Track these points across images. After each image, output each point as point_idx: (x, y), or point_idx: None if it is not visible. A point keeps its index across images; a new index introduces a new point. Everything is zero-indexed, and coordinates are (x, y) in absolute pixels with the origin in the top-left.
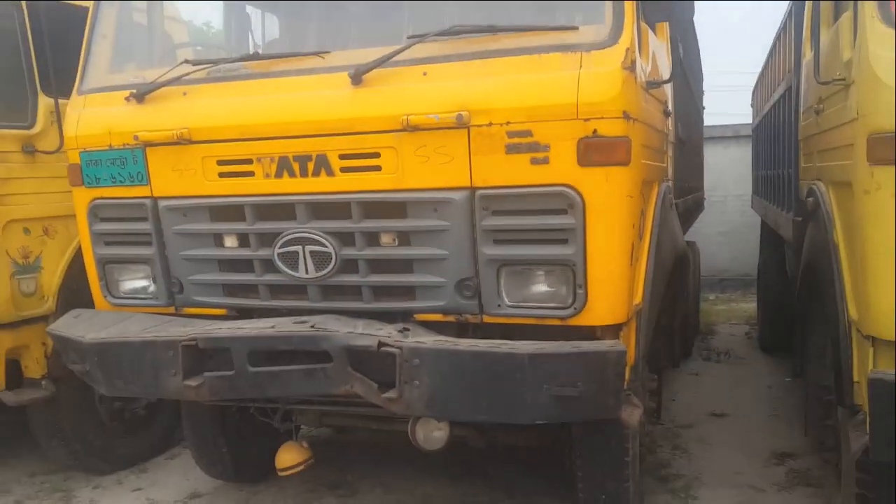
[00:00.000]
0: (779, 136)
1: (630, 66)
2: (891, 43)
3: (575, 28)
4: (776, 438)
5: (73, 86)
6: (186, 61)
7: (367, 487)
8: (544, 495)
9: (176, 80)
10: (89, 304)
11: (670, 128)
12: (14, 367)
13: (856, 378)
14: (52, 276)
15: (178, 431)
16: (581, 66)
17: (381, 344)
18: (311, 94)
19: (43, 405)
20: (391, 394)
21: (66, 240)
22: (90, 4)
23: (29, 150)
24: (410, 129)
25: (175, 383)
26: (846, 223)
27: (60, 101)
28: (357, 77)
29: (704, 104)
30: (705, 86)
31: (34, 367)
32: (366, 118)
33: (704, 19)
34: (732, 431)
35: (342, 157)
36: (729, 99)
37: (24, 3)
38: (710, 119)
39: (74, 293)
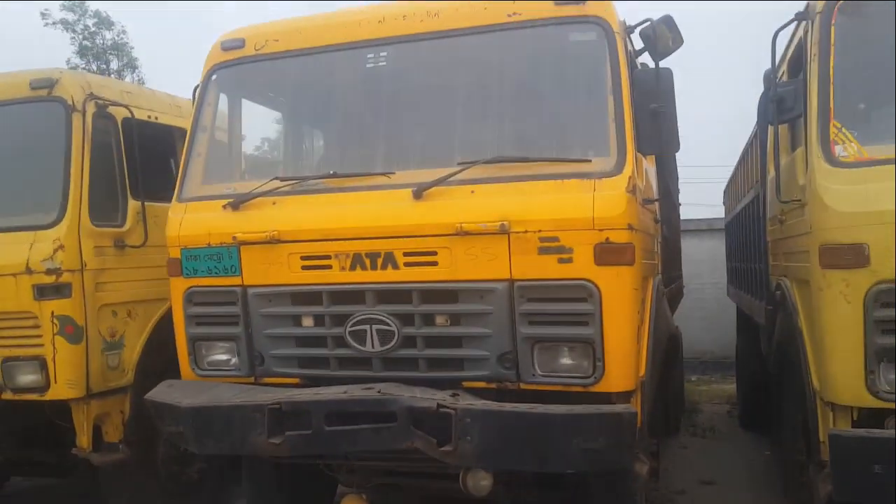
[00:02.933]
0: (749, 234)
1: (632, 190)
2: (832, 177)
3: (589, 160)
4: (759, 502)
5: (154, 191)
6: (276, 178)
7: None
8: None
9: (267, 193)
10: (161, 376)
11: (658, 230)
12: (96, 432)
13: (821, 438)
14: (132, 353)
15: (223, 495)
16: (595, 190)
17: (439, 406)
18: (381, 206)
19: (116, 468)
20: (447, 447)
21: (144, 321)
22: (183, 125)
23: (120, 244)
24: (462, 233)
25: (260, 441)
26: (807, 312)
27: (147, 203)
28: (418, 193)
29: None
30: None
31: (113, 432)
32: (426, 225)
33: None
34: (721, 497)
35: (406, 254)
36: (702, 190)
37: (119, 122)
38: (685, 208)
39: (148, 367)
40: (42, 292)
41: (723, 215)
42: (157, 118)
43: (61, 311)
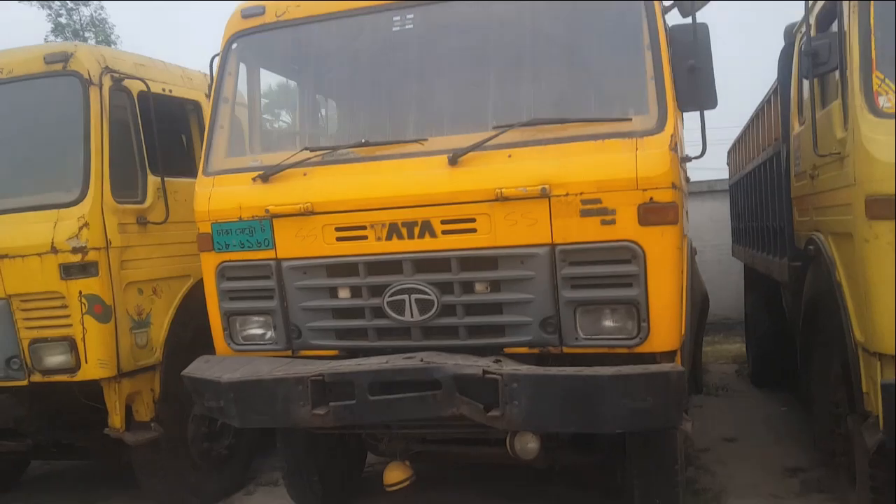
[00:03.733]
0: (766, 193)
1: (674, 148)
2: (878, 128)
3: (629, 119)
4: (783, 457)
5: (171, 166)
6: (306, 148)
7: None
8: None
9: (298, 164)
10: (188, 353)
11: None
12: (126, 411)
13: (864, 389)
14: (159, 330)
15: (252, 469)
16: (637, 149)
17: (485, 371)
18: (416, 173)
19: (147, 446)
20: (495, 412)
21: (169, 298)
22: (196, 98)
23: (142, 221)
24: (502, 199)
25: (304, 413)
26: (848, 265)
27: (166, 178)
28: (454, 159)
29: None
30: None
31: (144, 411)
32: (464, 191)
33: None
34: (744, 453)
35: (443, 222)
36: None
37: (136, 95)
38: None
39: (176, 344)
40: (68, 272)
41: (723, 177)
42: (170, 91)
43: (89, 291)
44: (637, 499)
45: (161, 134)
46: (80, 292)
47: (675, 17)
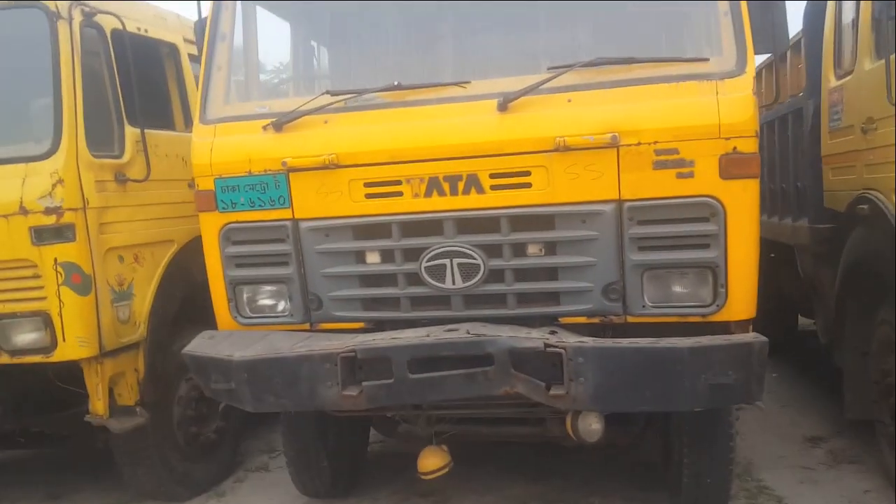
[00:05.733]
0: (781, 152)
1: (756, 92)
2: None
3: (706, 60)
4: (800, 426)
5: (151, 117)
6: (327, 92)
7: (460, 494)
8: (617, 489)
9: (318, 110)
10: (175, 328)
11: None
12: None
13: None
14: (142, 303)
15: (241, 453)
16: (718, 93)
17: (547, 345)
18: (460, 120)
19: (132, 433)
20: (558, 390)
21: (153, 266)
22: (171, 40)
23: (121, 178)
24: (563, 149)
25: (332, 394)
26: None
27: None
28: (504, 104)
29: None
30: None
31: (127, 393)
32: (517, 140)
33: None
34: (759, 422)
35: (493, 175)
36: None
37: (109, 34)
38: None
39: (161, 319)
40: (41, 236)
41: None
42: (146, 31)
43: (65, 258)
44: (686, 477)
45: (138, 80)
46: (56, 260)
47: None
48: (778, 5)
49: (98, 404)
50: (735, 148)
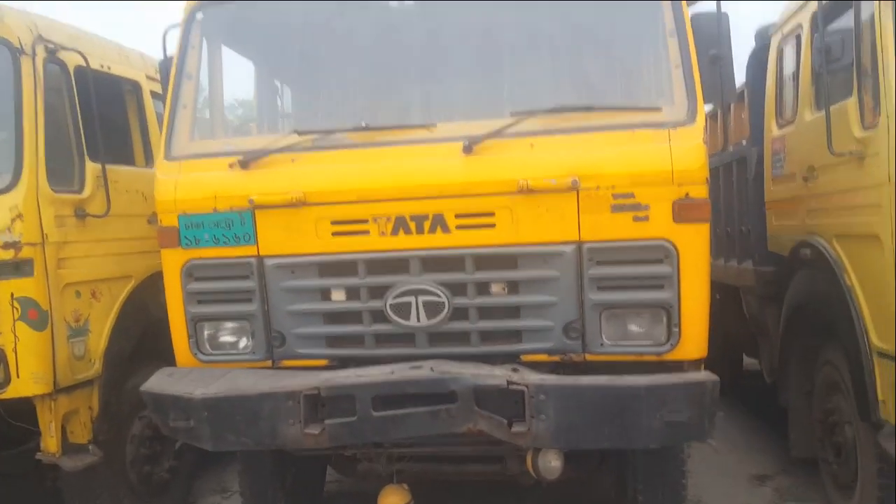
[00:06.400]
0: (727, 197)
1: (706, 141)
2: None
3: (659, 109)
4: (747, 464)
5: (111, 152)
6: (295, 131)
7: None
8: None
9: (286, 149)
10: (130, 365)
11: None
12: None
13: (880, 397)
14: (98, 339)
15: (194, 493)
16: (671, 141)
17: (509, 382)
18: (426, 162)
19: (84, 472)
20: (520, 427)
21: (110, 302)
22: (133, 77)
23: (81, 214)
24: (526, 191)
25: (294, 432)
26: (863, 269)
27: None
28: (469, 147)
29: None
30: None
31: (80, 431)
32: (482, 182)
33: None
34: (708, 461)
35: (458, 215)
36: None
37: (72, 70)
38: None
39: (116, 355)
40: None
41: None
42: (109, 68)
43: (22, 293)
44: None
45: (100, 116)
46: (12, 295)
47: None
48: (725, 59)
49: (50, 442)
50: (687, 194)
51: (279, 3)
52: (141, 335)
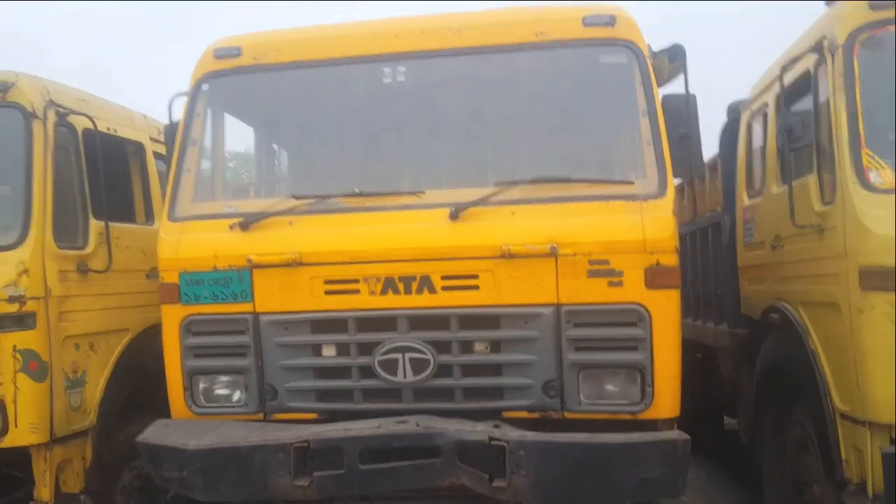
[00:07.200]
0: (700, 261)
1: (675, 212)
2: (870, 202)
3: (632, 182)
4: None
5: (115, 210)
6: (293, 196)
7: None
8: None
9: (283, 212)
10: (124, 417)
11: None
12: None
13: (844, 456)
14: (94, 391)
15: None
16: (642, 212)
17: (491, 438)
18: (415, 226)
19: None
20: (500, 482)
21: (106, 354)
22: (137, 139)
23: (83, 269)
24: (508, 256)
25: (283, 484)
26: (824, 334)
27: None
28: (456, 214)
29: None
30: None
31: (73, 481)
32: (467, 246)
33: None
34: None
35: (444, 277)
36: None
37: (80, 133)
38: None
39: (110, 407)
40: (2, 323)
41: None
42: (115, 131)
43: (24, 345)
44: None
45: (105, 175)
46: (14, 346)
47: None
48: (693, 138)
49: (44, 491)
50: (658, 262)
51: (280, 75)
52: (135, 386)
